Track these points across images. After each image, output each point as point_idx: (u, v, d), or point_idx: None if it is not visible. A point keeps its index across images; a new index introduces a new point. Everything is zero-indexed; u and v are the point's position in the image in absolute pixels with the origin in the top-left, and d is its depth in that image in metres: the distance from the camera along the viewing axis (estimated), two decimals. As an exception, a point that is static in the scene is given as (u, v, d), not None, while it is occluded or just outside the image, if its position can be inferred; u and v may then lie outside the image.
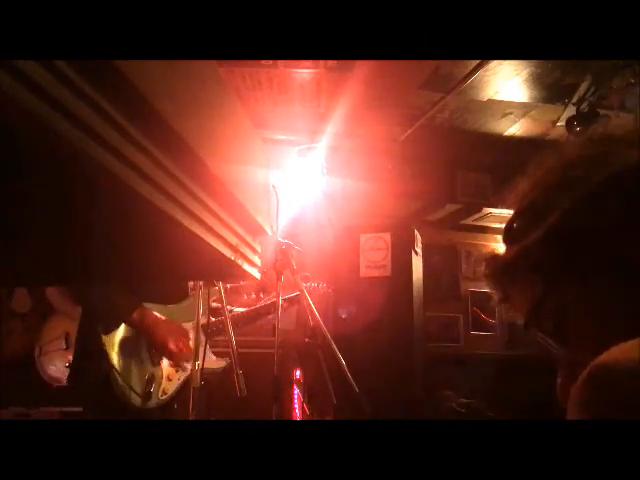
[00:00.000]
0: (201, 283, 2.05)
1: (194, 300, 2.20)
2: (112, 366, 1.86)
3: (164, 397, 2.00)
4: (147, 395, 1.92)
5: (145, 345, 2.02)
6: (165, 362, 2.06)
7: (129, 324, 1.98)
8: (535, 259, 0.58)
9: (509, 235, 0.64)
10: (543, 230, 0.57)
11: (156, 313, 2.05)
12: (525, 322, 0.61)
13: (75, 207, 0.49)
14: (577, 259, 0.55)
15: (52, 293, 2.08)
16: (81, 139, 0.36)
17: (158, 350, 2.05)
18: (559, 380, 0.59)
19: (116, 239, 0.59)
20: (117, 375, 1.85)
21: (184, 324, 2.15)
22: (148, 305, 2.03)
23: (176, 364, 2.09)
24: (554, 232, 0.56)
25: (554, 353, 0.60)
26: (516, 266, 0.61)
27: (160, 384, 2.01)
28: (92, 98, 0.36)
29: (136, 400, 1.89)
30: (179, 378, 2.08)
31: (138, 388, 1.91)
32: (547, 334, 0.60)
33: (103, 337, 1.90)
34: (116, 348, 1.93)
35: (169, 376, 2.05)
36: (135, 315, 1.98)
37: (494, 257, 0.65)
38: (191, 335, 2.14)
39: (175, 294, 2.19)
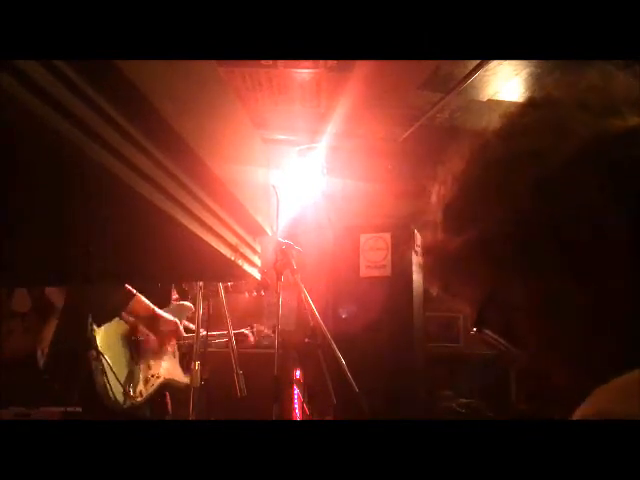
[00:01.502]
0: (201, 284, 2.06)
1: (175, 309, 2.26)
2: (100, 352, 1.86)
3: (139, 399, 2.01)
4: (126, 392, 1.93)
5: (130, 342, 2.03)
6: (143, 365, 2.08)
7: (137, 316, 2.00)
8: (489, 251, 0.50)
9: (451, 220, 0.55)
10: (499, 215, 0.49)
11: (159, 310, 2.07)
12: (475, 320, 0.54)
13: (75, 207, 0.49)
14: (545, 249, 0.47)
15: (52, 292, 2.08)
16: (81, 139, 0.36)
17: (150, 342, 2.07)
18: (513, 376, 0.56)
19: (116, 239, 0.59)
20: (103, 365, 1.86)
21: None
22: None
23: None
24: (513, 218, 0.48)
25: (504, 353, 0.54)
26: (466, 259, 0.53)
27: (137, 385, 2.01)
28: (92, 98, 0.36)
29: (116, 392, 1.90)
30: (153, 384, 2.10)
31: (119, 383, 1.92)
32: (497, 333, 0.54)
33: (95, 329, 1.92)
34: (106, 338, 1.94)
35: (146, 378, 2.06)
36: (142, 309, 2.00)
37: (437, 247, 0.56)
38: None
39: (159, 299, 2.22)
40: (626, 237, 0.45)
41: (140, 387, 2.02)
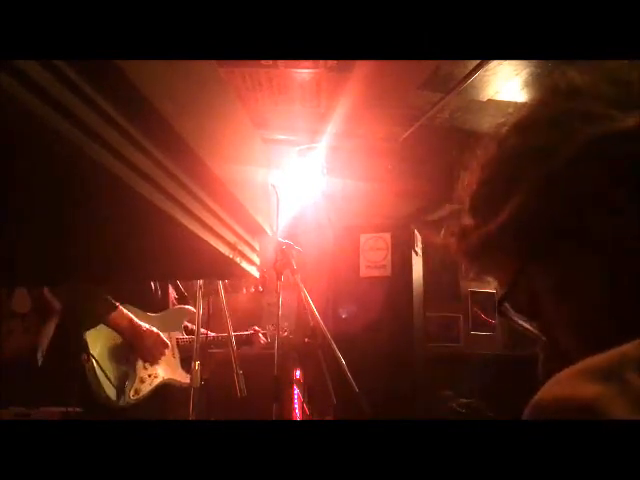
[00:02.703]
0: (200, 282, 2.06)
1: (172, 312, 2.26)
2: (90, 355, 1.88)
3: (135, 397, 2.02)
4: (120, 390, 1.94)
5: (123, 341, 2.04)
6: (139, 364, 2.08)
7: (117, 330, 2.02)
8: (507, 240, 0.53)
9: (476, 209, 0.58)
10: (514, 207, 0.51)
11: (142, 323, 2.08)
12: (498, 303, 0.57)
13: (75, 207, 0.49)
14: (552, 238, 0.50)
15: (52, 293, 2.09)
16: (81, 139, 0.36)
17: (142, 356, 2.08)
18: (541, 357, 0.57)
19: (116, 239, 0.59)
20: (94, 365, 1.88)
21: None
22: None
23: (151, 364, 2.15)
24: (524, 209, 0.51)
25: (530, 336, 0.57)
26: (488, 246, 0.56)
27: (133, 383, 2.02)
28: (92, 98, 0.36)
29: (109, 392, 1.90)
30: (150, 383, 2.10)
31: (111, 384, 1.93)
32: (524, 316, 0.56)
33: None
34: (97, 340, 1.96)
35: (142, 378, 2.07)
36: (125, 323, 2.02)
37: (465, 232, 0.59)
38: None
39: (157, 302, 2.22)
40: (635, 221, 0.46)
41: (136, 386, 2.03)
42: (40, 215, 0.51)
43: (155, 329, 2.12)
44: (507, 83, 3.15)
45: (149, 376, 2.10)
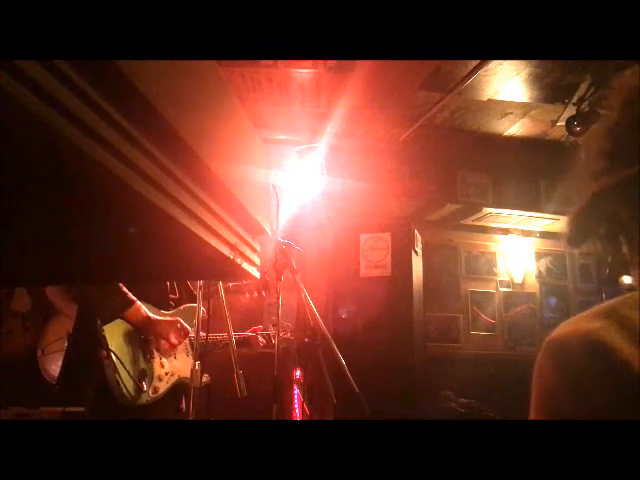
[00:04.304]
0: (201, 283, 2.06)
1: (184, 311, 2.23)
2: (110, 351, 1.86)
3: (155, 395, 2.01)
4: (140, 388, 1.92)
5: (139, 340, 2.02)
6: (156, 361, 2.07)
7: (134, 325, 1.99)
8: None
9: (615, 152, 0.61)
10: None
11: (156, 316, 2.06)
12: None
13: (75, 207, 0.49)
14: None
15: (52, 293, 2.08)
16: (81, 139, 0.36)
17: (158, 344, 2.06)
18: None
19: (116, 239, 0.59)
20: (114, 361, 1.86)
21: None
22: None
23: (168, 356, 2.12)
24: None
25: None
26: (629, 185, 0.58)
27: (152, 381, 2.01)
28: (93, 98, 0.36)
29: (130, 389, 1.89)
30: (168, 381, 2.09)
31: (131, 380, 1.91)
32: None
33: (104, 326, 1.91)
34: (115, 337, 1.94)
35: (160, 376, 2.06)
36: (142, 318, 2.00)
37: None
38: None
39: (162, 302, 2.21)
40: None
41: (155, 384, 2.01)
42: (40, 215, 0.51)
43: (173, 318, 2.10)
44: (507, 83, 3.16)
45: (166, 374, 2.09)
